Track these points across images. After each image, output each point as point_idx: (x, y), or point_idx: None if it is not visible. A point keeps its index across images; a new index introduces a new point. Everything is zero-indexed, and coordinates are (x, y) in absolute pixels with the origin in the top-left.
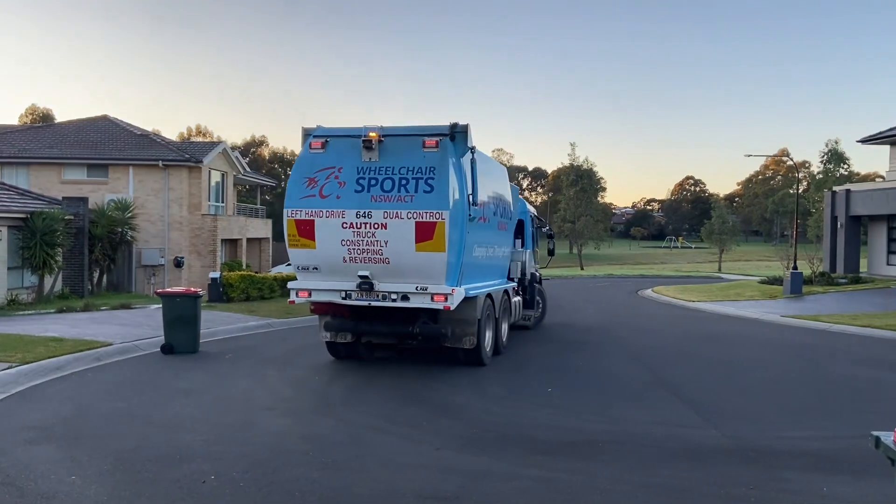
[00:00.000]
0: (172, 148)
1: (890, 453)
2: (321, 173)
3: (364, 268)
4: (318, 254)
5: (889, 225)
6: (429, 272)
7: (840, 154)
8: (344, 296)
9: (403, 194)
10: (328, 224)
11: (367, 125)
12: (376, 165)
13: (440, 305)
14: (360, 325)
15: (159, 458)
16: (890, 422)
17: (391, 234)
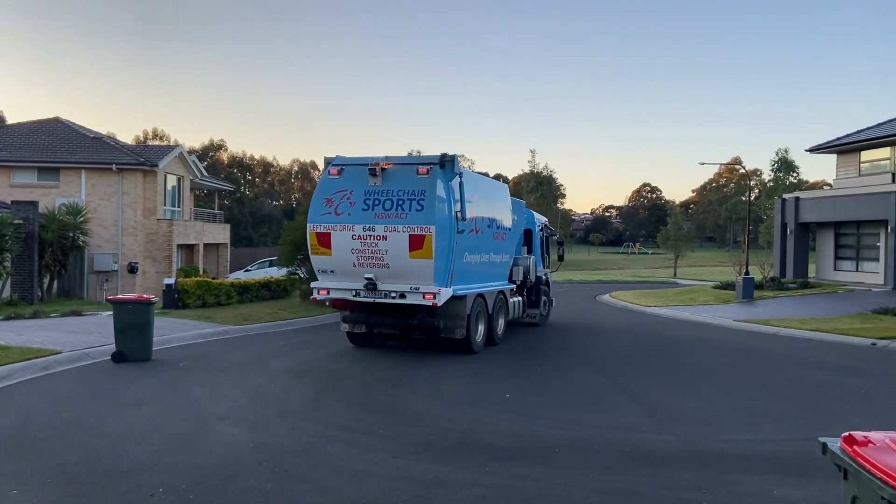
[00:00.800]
0: (127, 151)
1: (837, 460)
2: (337, 194)
3: (369, 271)
4: (333, 260)
5: (836, 232)
6: (420, 275)
7: (790, 163)
8: (354, 293)
9: (400, 212)
10: (341, 236)
11: (375, 156)
12: (380, 188)
13: (429, 302)
14: (371, 318)
15: (107, 470)
16: (838, 424)
17: (390, 245)
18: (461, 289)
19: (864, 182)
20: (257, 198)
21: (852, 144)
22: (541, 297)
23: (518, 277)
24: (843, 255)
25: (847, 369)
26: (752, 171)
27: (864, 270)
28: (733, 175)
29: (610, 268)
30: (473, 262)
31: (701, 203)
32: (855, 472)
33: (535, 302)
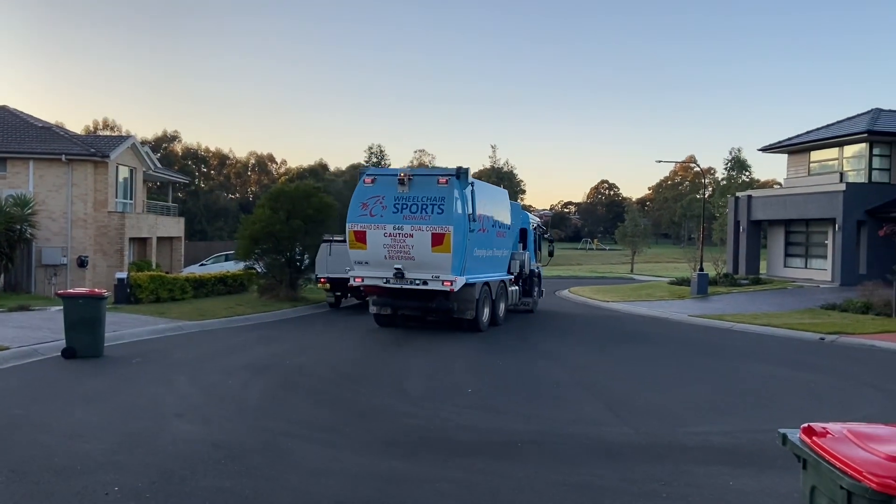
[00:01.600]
0: (77, 142)
1: (796, 450)
2: (371, 199)
3: (398, 262)
4: (368, 253)
5: (786, 230)
6: (440, 266)
7: (742, 162)
8: (385, 281)
9: (424, 215)
10: (375, 234)
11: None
12: (407, 195)
13: (447, 288)
14: (396, 302)
15: (58, 468)
16: (790, 416)
17: (416, 241)
18: (472, 278)
19: (814, 181)
20: (212, 191)
21: (802, 145)
22: (534, 288)
23: (515, 270)
24: (793, 252)
25: (796, 363)
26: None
27: (813, 267)
28: (688, 173)
29: (568, 263)
30: (481, 256)
31: (657, 200)
32: (814, 462)
33: (529, 291)
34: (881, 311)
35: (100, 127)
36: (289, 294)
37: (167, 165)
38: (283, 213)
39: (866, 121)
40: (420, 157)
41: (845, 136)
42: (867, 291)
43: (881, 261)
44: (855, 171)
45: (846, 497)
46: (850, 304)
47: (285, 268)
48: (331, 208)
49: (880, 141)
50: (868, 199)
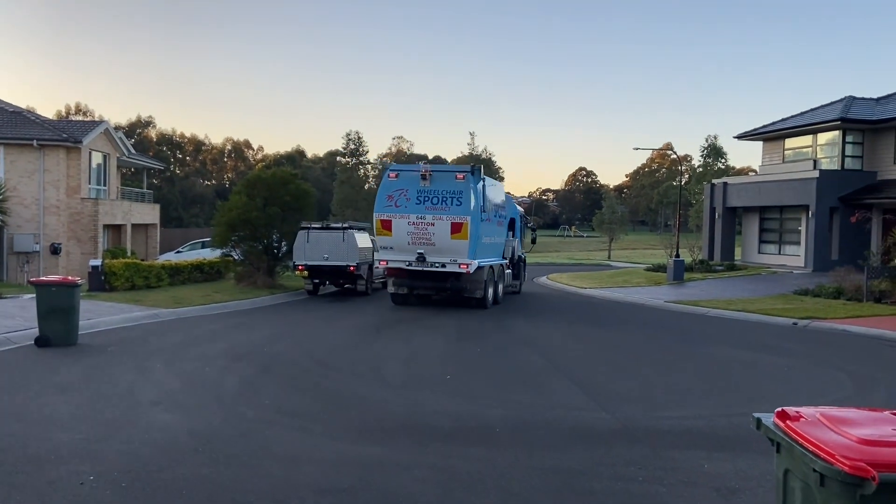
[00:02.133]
0: (49, 127)
1: (770, 434)
2: (396, 192)
3: (420, 248)
4: (393, 239)
5: (761, 216)
6: (458, 251)
7: (718, 149)
8: (407, 264)
9: (444, 206)
10: (400, 223)
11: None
12: (428, 189)
13: (464, 270)
14: (414, 283)
15: (32, 458)
16: (764, 401)
17: (436, 229)
18: (481, 262)
19: (788, 168)
20: (188, 177)
21: (777, 132)
22: (521, 272)
23: (508, 255)
24: (767, 238)
25: (770, 348)
26: (683, 157)
27: (787, 253)
28: (665, 160)
29: (546, 250)
30: (487, 243)
31: (634, 187)
32: (788, 445)
33: (517, 275)
34: (852, 296)
35: (72, 112)
36: (266, 281)
37: (141, 151)
38: (259, 199)
39: (840, 108)
40: (398, 144)
41: (819, 123)
42: (839, 277)
43: (853, 247)
44: (828, 158)
45: (819, 480)
46: (822, 289)
47: (263, 255)
48: (308, 195)
49: (853, 128)
50: (841, 185)
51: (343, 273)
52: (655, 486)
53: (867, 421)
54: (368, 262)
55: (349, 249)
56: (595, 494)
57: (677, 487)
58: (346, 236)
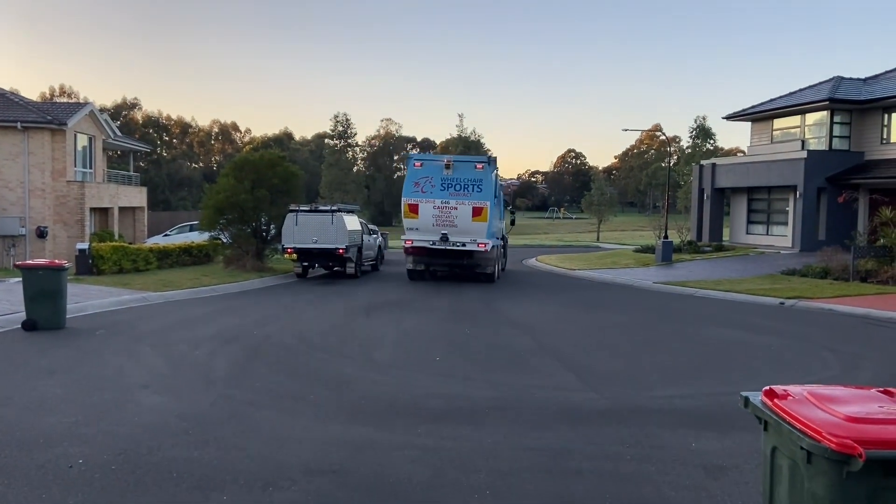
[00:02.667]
0: (33, 109)
1: (758, 412)
2: (422, 179)
3: (444, 229)
4: (419, 222)
5: (749, 197)
6: (478, 232)
7: (707, 130)
8: (432, 243)
9: (465, 192)
10: (425, 207)
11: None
12: (451, 177)
13: (483, 249)
14: (433, 260)
15: (20, 441)
16: (751, 380)
17: (459, 213)
18: (494, 242)
19: (776, 149)
20: (175, 160)
21: (766, 112)
22: (506, 251)
23: (500, 235)
24: (755, 219)
25: (757, 328)
26: (672, 138)
27: (774, 234)
28: (654, 142)
29: (535, 232)
30: (496, 225)
31: (623, 169)
32: (776, 423)
33: (504, 254)
34: (839, 275)
35: (56, 94)
36: (255, 264)
37: (127, 134)
38: (248, 182)
39: (828, 89)
40: (386, 127)
41: (807, 103)
42: (826, 257)
43: (840, 227)
44: (816, 138)
45: (806, 457)
46: (809, 269)
47: (251, 238)
48: (297, 178)
49: (841, 109)
50: (828, 166)
51: (332, 256)
52: (644, 465)
53: (854, 398)
54: (357, 244)
55: (338, 232)
56: (583, 473)
57: (666, 466)
58: (334, 219)
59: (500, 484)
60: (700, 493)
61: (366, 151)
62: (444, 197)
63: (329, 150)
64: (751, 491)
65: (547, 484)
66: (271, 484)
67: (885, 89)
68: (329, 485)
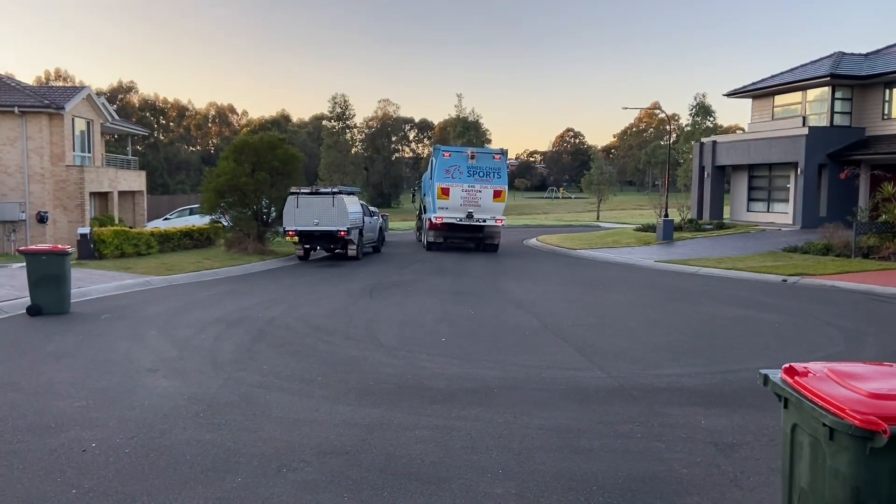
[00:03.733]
0: (30, 93)
1: (777, 390)
2: (451, 167)
3: (469, 209)
4: (450, 202)
5: (749, 174)
6: (497, 211)
7: (707, 107)
8: (459, 220)
9: (487, 178)
10: (455, 190)
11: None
12: (475, 165)
13: (500, 225)
14: (451, 234)
15: (32, 427)
16: (756, 357)
17: (482, 195)
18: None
19: (777, 126)
20: (173, 143)
21: (766, 89)
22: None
23: None
24: (756, 196)
25: (760, 305)
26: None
27: (775, 211)
28: (653, 120)
29: (535, 212)
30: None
31: (622, 148)
32: (796, 401)
33: None
34: (841, 252)
35: (52, 78)
36: (257, 247)
37: (124, 117)
38: (247, 165)
39: (828, 64)
40: (384, 107)
41: (808, 79)
42: (827, 233)
43: (841, 203)
44: (817, 114)
45: (828, 434)
46: (810, 246)
47: (252, 221)
48: (297, 160)
49: (842, 84)
50: (829, 142)
51: (334, 238)
52: (654, 443)
53: (875, 375)
54: (359, 226)
55: (339, 214)
56: (594, 452)
57: (676, 443)
58: (335, 201)
59: (511, 463)
60: (712, 470)
61: (364, 133)
62: (470, 182)
63: (327, 132)
64: (762, 467)
65: (558, 462)
66: (285, 465)
67: (886, 64)
68: (342, 465)
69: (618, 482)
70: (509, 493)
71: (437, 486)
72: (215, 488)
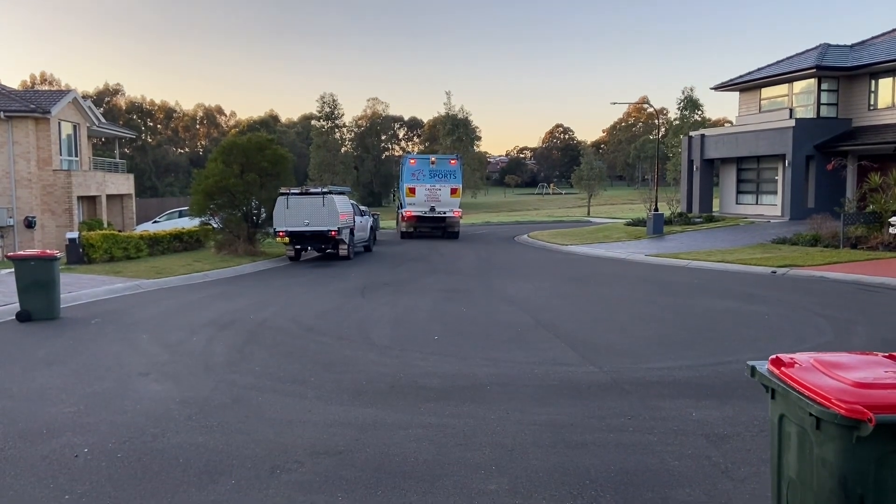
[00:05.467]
0: (15, 97)
1: (765, 381)
2: (416, 172)
3: (432, 203)
4: (416, 199)
5: (738, 167)
6: (454, 204)
7: (695, 101)
8: (424, 212)
9: (445, 179)
10: (420, 189)
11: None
12: (435, 168)
13: (457, 217)
14: (421, 224)
15: (23, 433)
16: (746, 349)
17: (441, 192)
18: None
19: (764, 118)
20: (160, 145)
21: (753, 82)
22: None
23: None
24: (745, 189)
25: (750, 297)
26: (660, 110)
27: (764, 203)
28: (642, 114)
29: (526, 209)
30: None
31: (611, 143)
32: (783, 391)
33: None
34: (829, 242)
35: (38, 82)
36: (247, 249)
37: (111, 120)
38: (236, 166)
39: (814, 56)
40: (373, 106)
41: (794, 72)
42: (816, 224)
43: (829, 194)
44: (804, 106)
45: (815, 423)
46: (799, 237)
47: (242, 222)
48: (286, 160)
49: (828, 76)
50: (816, 134)
51: (325, 238)
52: (646, 436)
53: (860, 364)
54: (349, 226)
55: (330, 214)
56: (587, 446)
57: (667, 436)
58: (325, 201)
59: (504, 459)
60: (702, 462)
61: (353, 132)
62: (431, 182)
63: (316, 132)
64: (752, 458)
65: (551, 457)
66: (278, 467)
67: (871, 55)
68: (335, 465)
69: (610, 475)
70: (503, 488)
71: (430, 484)
72: (209, 491)
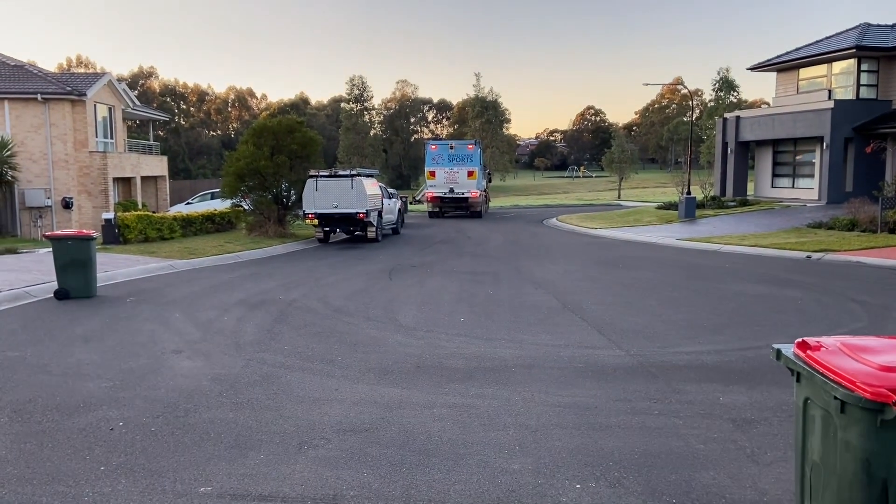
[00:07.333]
0: (52, 80)
1: (790, 364)
2: (437, 156)
3: (451, 185)
4: (436, 181)
5: (774, 149)
6: (471, 186)
7: (730, 82)
8: (444, 194)
9: (462, 162)
10: (440, 172)
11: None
12: (454, 153)
13: (474, 196)
14: (444, 206)
15: (61, 407)
16: (778, 334)
17: (459, 175)
18: (481, 192)
19: (802, 99)
20: (193, 128)
21: (792, 62)
22: (488, 200)
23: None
24: (781, 172)
25: (784, 282)
26: (694, 92)
27: (800, 186)
28: (675, 96)
29: (555, 192)
30: (481, 182)
31: (643, 125)
32: (808, 375)
33: (487, 200)
34: (867, 227)
35: (73, 64)
36: (277, 230)
37: (145, 103)
38: (267, 148)
39: (854, 36)
40: (402, 89)
41: (833, 52)
42: (853, 208)
43: (867, 177)
44: (843, 87)
45: (839, 407)
46: (836, 221)
47: (272, 204)
48: (315, 143)
49: (868, 56)
50: (855, 115)
51: (353, 220)
52: (672, 420)
53: (887, 348)
54: (377, 208)
55: (358, 196)
56: (612, 429)
57: (693, 420)
58: (354, 183)
59: (528, 439)
60: (728, 446)
61: (382, 115)
62: (450, 166)
63: (345, 115)
64: (779, 443)
65: (575, 439)
66: (306, 443)
67: None
68: (361, 442)
69: (634, 457)
70: (526, 468)
71: (454, 462)
72: (239, 465)
